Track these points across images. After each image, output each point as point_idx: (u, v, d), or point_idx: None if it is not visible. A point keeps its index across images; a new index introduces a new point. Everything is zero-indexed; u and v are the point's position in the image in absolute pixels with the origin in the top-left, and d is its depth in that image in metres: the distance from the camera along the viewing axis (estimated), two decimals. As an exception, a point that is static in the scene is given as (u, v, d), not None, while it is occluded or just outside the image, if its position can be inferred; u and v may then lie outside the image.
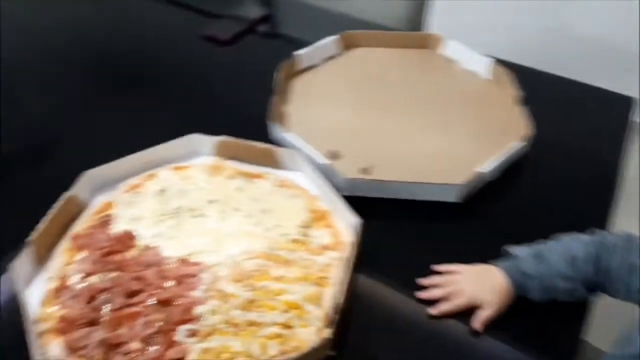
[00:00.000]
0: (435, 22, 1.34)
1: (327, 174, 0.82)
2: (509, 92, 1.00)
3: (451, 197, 0.82)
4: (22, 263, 0.69)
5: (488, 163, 0.85)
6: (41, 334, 0.64)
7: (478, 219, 0.83)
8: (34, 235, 0.72)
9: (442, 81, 1.08)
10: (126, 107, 1.05)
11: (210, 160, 0.88)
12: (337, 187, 0.80)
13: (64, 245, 0.75)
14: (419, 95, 1.04)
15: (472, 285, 0.69)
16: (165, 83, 1.14)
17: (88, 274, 0.71)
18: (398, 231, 0.80)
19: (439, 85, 1.07)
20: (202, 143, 0.89)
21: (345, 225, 0.76)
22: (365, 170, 0.86)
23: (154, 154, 0.87)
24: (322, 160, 0.84)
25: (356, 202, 0.77)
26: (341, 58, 1.14)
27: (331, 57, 1.13)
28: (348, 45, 1.16)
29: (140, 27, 1.33)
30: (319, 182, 0.81)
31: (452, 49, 1.13)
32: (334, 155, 0.89)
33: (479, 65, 1.08)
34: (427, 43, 1.16)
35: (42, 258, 0.73)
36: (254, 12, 1.34)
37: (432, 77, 1.09)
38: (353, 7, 1.37)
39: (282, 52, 1.11)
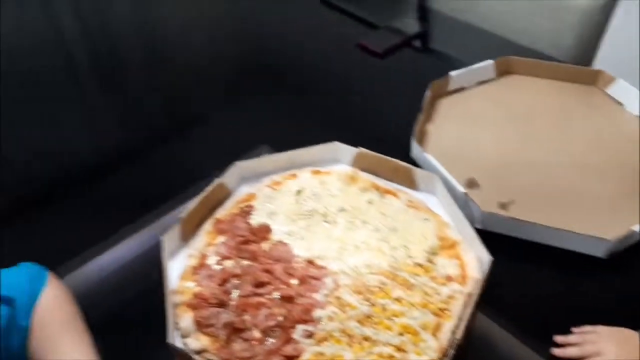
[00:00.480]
0: (604, 57, 1.24)
1: (462, 203, 0.80)
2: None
3: (598, 252, 0.76)
4: (170, 237, 0.77)
5: (644, 221, 0.78)
6: (176, 305, 0.71)
7: (623, 277, 0.77)
8: (184, 213, 0.79)
9: (603, 122, 1.01)
10: (271, 105, 1.11)
11: (347, 169, 0.90)
12: (471, 219, 0.78)
13: (207, 227, 0.82)
14: (574, 133, 0.98)
15: (612, 351, 0.64)
16: (314, 86, 1.19)
17: (224, 258, 0.77)
18: (529, 275, 0.77)
19: (598, 126, 1.00)
20: (342, 152, 0.92)
21: (474, 259, 0.74)
22: (503, 205, 0.83)
23: (298, 155, 0.91)
24: (460, 188, 0.83)
25: (488, 236, 0.75)
26: (495, 84, 1.11)
27: (484, 82, 1.10)
28: (504, 71, 1.12)
29: (300, 29, 1.40)
30: (453, 210, 0.80)
31: (621, 89, 1.04)
32: (472, 184, 0.87)
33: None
34: (592, 79, 1.08)
35: (187, 235, 0.80)
36: (411, 26, 1.35)
37: (592, 116, 1.02)
38: (514, 30, 1.32)
39: (434, 70, 1.11)
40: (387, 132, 1.01)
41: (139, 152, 1.05)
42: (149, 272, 0.76)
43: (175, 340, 0.66)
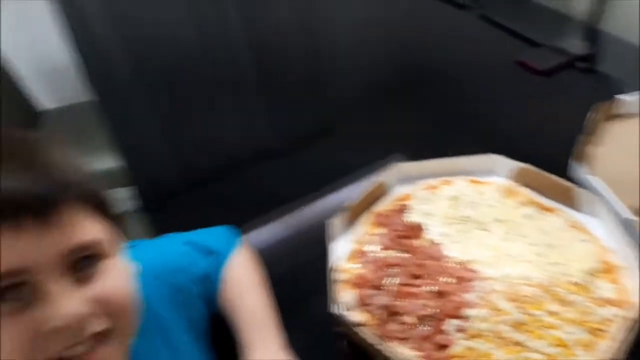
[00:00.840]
0: None
1: (627, 229, 0.80)
2: None
3: None
4: (336, 222, 0.85)
5: None
6: (339, 282, 0.78)
7: None
8: (350, 203, 0.87)
9: None
10: (421, 115, 1.16)
11: (505, 182, 0.93)
12: (636, 247, 0.77)
13: (367, 218, 0.89)
14: None
15: None
16: (467, 99, 1.21)
17: (384, 248, 0.83)
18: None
19: None
20: (501, 164, 0.94)
21: (635, 287, 0.73)
22: (670, 238, 0.80)
23: (455, 163, 0.95)
24: (626, 213, 0.82)
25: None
26: (668, 114, 1.06)
27: (656, 111, 1.06)
28: (680, 101, 1.07)
29: (459, 40, 1.43)
30: (617, 235, 0.79)
31: None
32: (637, 212, 0.85)
33: None
34: None
35: (350, 223, 0.88)
36: (577, 47, 1.32)
37: None
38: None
39: (598, 93, 1.09)
40: (541, 151, 1.01)
41: (289, 150, 1.16)
42: (312, 248, 0.85)
43: (338, 311, 0.74)
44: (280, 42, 1.32)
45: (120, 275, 0.50)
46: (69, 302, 0.44)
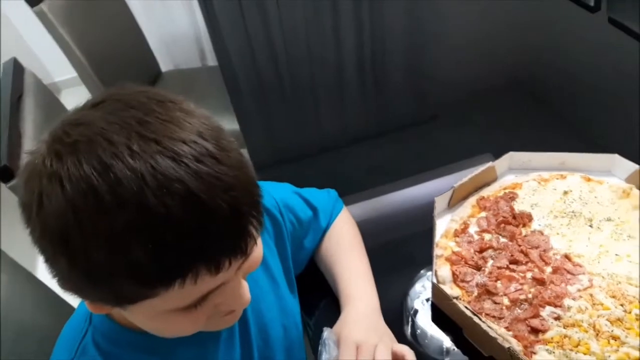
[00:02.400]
0: None
1: None
2: None
3: None
4: (441, 200, 0.88)
5: None
6: (438, 256, 0.82)
7: None
8: (456, 184, 0.90)
9: None
10: (531, 113, 1.15)
11: (621, 184, 0.91)
12: None
13: (472, 201, 0.91)
14: None
15: None
16: (582, 101, 1.18)
17: (484, 231, 0.85)
18: None
19: None
20: (620, 165, 0.92)
21: None
22: None
23: (571, 158, 0.94)
24: None
25: None
26: None
27: None
28: None
29: (583, 42, 1.37)
30: None
31: None
32: None
33: None
34: None
35: (455, 203, 0.91)
36: None
37: None
38: None
39: None
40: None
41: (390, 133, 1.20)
42: (411, 224, 0.90)
43: (435, 282, 0.78)
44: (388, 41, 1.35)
45: (260, 245, 0.55)
46: (244, 291, 0.54)
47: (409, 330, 0.80)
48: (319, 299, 0.83)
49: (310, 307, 0.82)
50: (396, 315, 0.81)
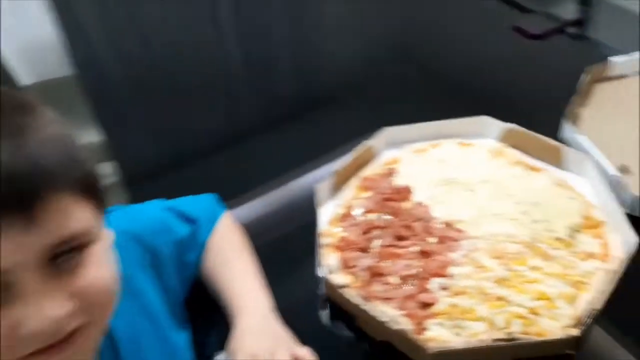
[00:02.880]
0: None
1: (613, 186, 0.79)
2: None
3: None
4: (323, 187, 0.85)
5: None
6: (324, 245, 0.79)
7: None
8: (337, 168, 0.87)
9: None
10: (416, 85, 1.15)
11: (494, 144, 0.92)
12: (621, 203, 0.77)
13: (354, 182, 0.89)
14: None
15: None
16: (463, 67, 1.20)
17: (368, 211, 0.83)
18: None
19: None
20: (490, 126, 0.94)
21: (619, 240, 0.73)
22: (657, 194, 0.80)
23: (444, 126, 0.95)
24: (613, 170, 0.81)
25: (636, 223, 0.73)
26: (659, 73, 1.05)
27: (648, 70, 1.05)
28: (672, 60, 1.06)
29: (454, 13, 1.41)
30: (602, 192, 0.79)
31: None
32: (623, 170, 0.85)
33: None
34: None
35: (337, 188, 0.88)
36: (569, 12, 1.31)
37: None
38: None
39: (590, 57, 1.08)
40: (535, 113, 1.01)
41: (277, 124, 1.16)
42: (303, 215, 0.86)
43: (322, 274, 0.75)
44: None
45: (103, 263, 0.47)
46: (50, 303, 0.41)
47: (325, 316, 0.76)
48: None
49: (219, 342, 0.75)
50: (311, 302, 0.77)
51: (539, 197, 0.82)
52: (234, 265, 0.74)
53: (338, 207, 0.85)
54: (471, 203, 0.83)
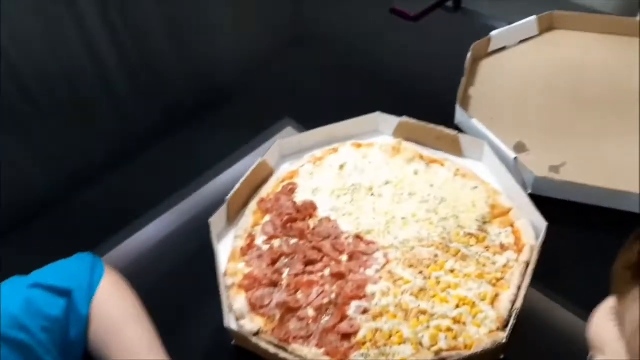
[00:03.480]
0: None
1: (512, 168, 0.78)
2: None
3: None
4: (217, 219, 0.77)
5: None
6: (229, 287, 0.71)
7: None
8: (230, 195, 0.79)
9: (656, 74, 0.95)
10: (302, 76, 1.09)
11: (390, 140, 0.88)
12: (522, 184, 0.76)
13: (252, 207, 0.82)
14: (624, 89, 0.93)
15: None
16: (349, 56, 1.15)
17: (272, 237, 0.76)
18: (585, 240, 0.74)
19: (651, 79, 0.94)
20: (384, 122, 0.89)
21: (528, 226, 0.72)
22: (554, 169, 0.80)
23: (338, 129, 0.89)
24: (510, 152, 0.80)
25: (541, 202, 0.72)
26: (538, 41, 1.06)
27: (527, 39, 1.06)
28: (547, 27, 1.07)
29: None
30: (503, 176, 0.77)
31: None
32: (520, 148, 0.84)
33: None
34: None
35: (233, 217, 0.80)
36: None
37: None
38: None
39: (470, 30, 1.07)
40: (428, 99, 0.98)
41: (165, 132, 1.05)
42: (196, 253, 0.77)
43: (231, 322, 0.67)
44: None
45: None
46: None
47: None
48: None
49: None
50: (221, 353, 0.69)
51: (443, 191, 0.79)
52: (125, 333, 0.64)
53: (238, 239, 0.77)
54: (377, 209, 0.78)
